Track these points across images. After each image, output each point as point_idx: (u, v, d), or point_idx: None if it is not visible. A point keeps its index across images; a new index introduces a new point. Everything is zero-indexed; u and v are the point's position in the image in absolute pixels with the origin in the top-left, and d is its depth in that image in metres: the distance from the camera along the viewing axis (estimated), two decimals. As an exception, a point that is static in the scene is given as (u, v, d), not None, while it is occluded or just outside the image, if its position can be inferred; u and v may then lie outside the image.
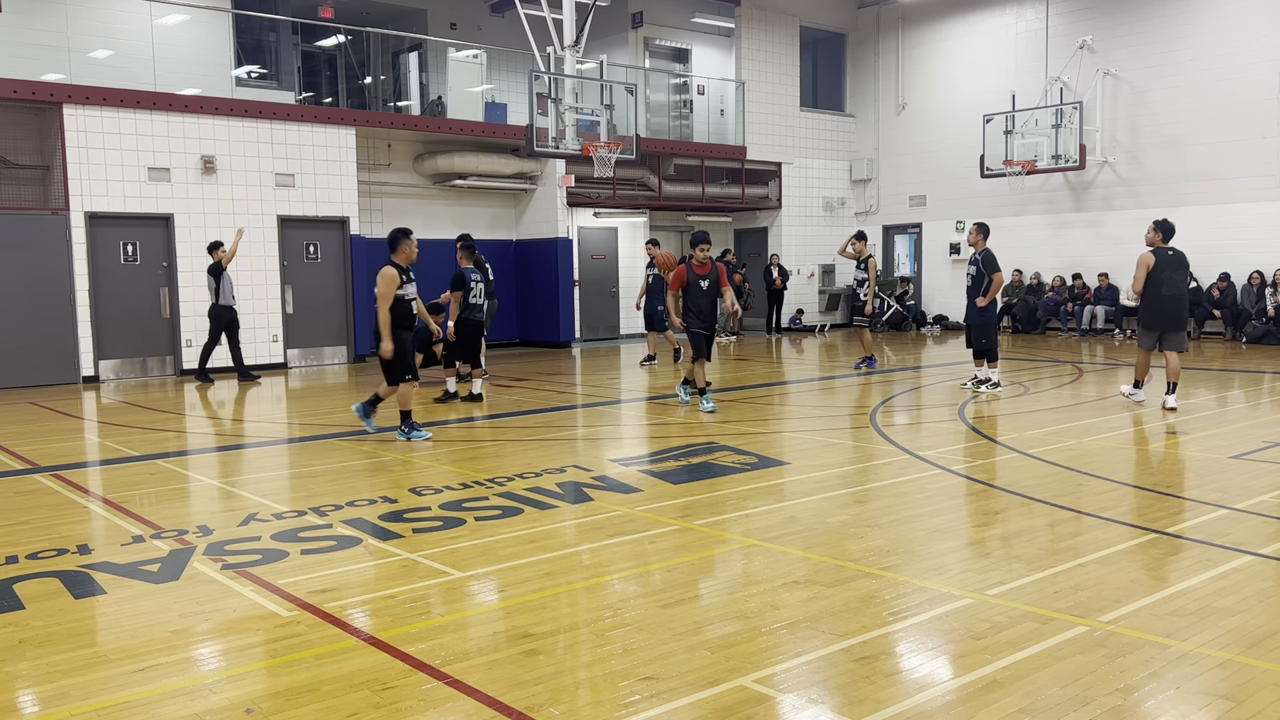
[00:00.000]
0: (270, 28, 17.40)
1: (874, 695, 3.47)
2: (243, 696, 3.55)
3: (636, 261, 21.25)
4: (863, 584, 4.67)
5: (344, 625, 4.25)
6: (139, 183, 14.69)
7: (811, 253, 23.51)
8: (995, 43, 21.65)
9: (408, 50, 19.37)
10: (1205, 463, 7.39)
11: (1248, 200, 17.97)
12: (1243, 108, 17.98)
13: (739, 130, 22.16)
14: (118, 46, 15.27)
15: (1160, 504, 6.16)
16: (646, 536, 5.59)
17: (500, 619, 4.34)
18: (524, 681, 3.63)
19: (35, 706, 3.55)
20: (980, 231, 11.59)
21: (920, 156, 23.04)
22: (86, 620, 4.43)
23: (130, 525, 6.06)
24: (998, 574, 4.80)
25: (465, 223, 19.32)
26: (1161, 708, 3.36)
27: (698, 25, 22.16)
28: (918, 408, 11.03)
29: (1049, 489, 6.63)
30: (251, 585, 4.80)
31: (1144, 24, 19.32)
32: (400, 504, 6.43)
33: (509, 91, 19.62)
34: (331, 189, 16.48)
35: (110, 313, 14.65)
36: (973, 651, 3.84)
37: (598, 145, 15.37)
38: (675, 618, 4.26)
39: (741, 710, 3.37)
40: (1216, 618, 4.14)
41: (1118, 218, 19.51)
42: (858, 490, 6.75)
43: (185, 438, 9.80)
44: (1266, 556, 4.99)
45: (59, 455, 8.66)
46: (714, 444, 8.46)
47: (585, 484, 6.98)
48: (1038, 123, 19.96)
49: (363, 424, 9.34)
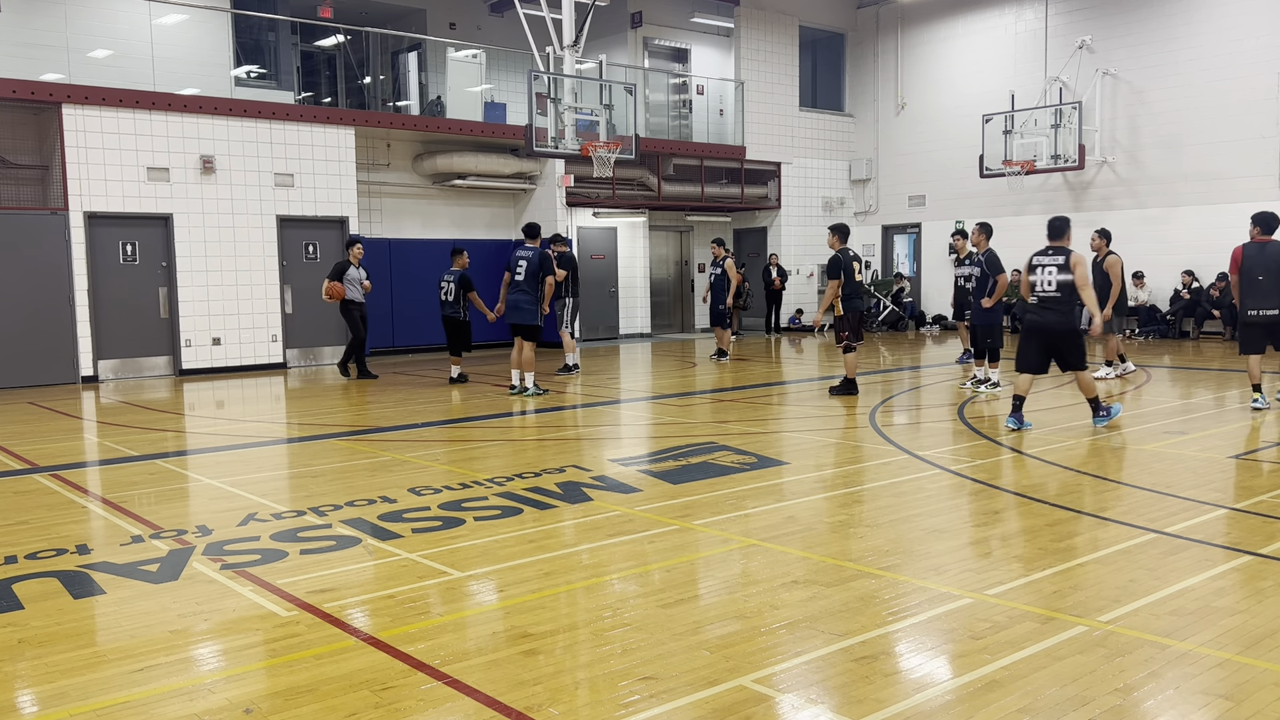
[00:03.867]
0: (269, 27, 17.40)
1: (873, 695, 3.46)
2: (242, 696, 3.55)
3: (636, 261, 21.27)
4: (862, 584, 4.67)
5: (343, 625, 4.24)
6: (138, 182, 14.69)
7: (810, 253, 23.51)
8: (994, 43, 21.65)
9: (407, 50, 19.36)
10: (1205, 463, 7.39)
11: (1247, 200, 17.94)
12: (1242, 108, 17.98)
13: (738, 130, 22.17)
14: (117, 46, 15.27)
15: (1160, 504, 6.16)
16: (646, 536, 5.59)
17: (500, 619, 4.34)
18: (523, 681, 3.63)
19: (34, 706, 3.55)
20: (983, 232, 11.58)
21: (919, 156, 23.04)
22: (85, 620, 4.43)
23: (129, 525, 6.06)
24: (997, 574, 4.80)
25: (464, 223, 19.33)
26: (1161, 707, 3.36)
27: (697, 25, 22.17)
28: (917, 408, 11.03)
29: (1049, 489, 6.63)
30: (251, 585, 4.80)
31: (1143, 24, 19.32)
32: (399, 504, 6.43)
33: (508, 91, 19.62)
34: (331, 189, 16.48)
35: (109, 313, 14.64)
36: (972, 651, 3.84)
37: (597, 145, 15.36)
38: (675, 618, 4.26)
39: (741, 710, 3.37)
40: (1216, 617, 4.14)
41: (1117, 218, 19.49)
42: (857, 490, 6.75)
43: (184, 437, 9.79)
44: (1266, 556, 4.99)
45: (58, 455, 8.65)
46: (713, 444, 8.46)
47: (585, 484, 6.98)
48: (1037, 123, 19.97)
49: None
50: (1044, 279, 8.64)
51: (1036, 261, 8.75)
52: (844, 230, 11.28)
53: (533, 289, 11.77)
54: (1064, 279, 8.53)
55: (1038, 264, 8.73)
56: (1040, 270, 8.68)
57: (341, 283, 13.63)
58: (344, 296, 13.68)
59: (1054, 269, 8.59)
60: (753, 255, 23.60)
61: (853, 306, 11.17)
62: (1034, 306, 8.76)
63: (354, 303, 13.82)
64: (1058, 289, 8.56)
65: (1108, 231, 12.59)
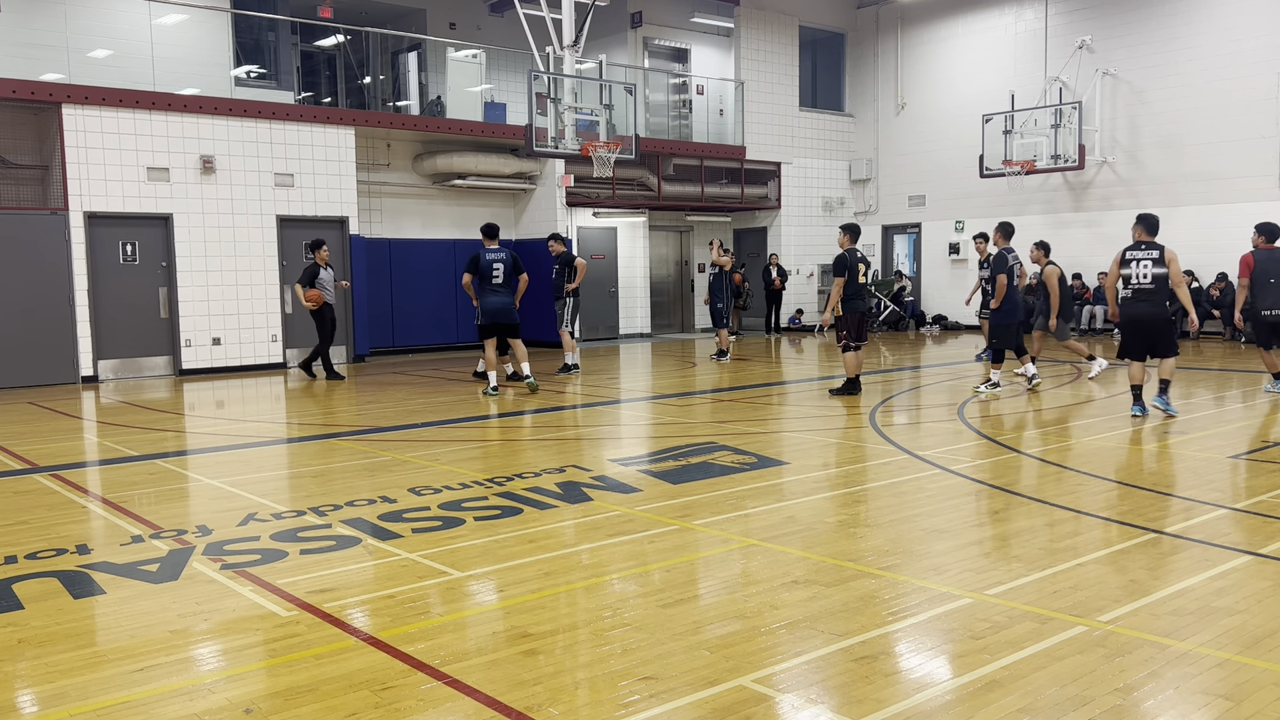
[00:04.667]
0: (269, 27, 17.40)
1: (873, 695, 3.46)
2: (242, 696, 3.55)
3: (636, 261, 21.26)
4: (862, 584, 4.67)
5: (343, 625, 4.24)
6: (138, 182, 14.69)
7: (810, 253, 23.52)
8: (994, 43, 21.65)
9: (407, 50, 19.36)
10: (1205, 463, 7.39)
11: (1247, 200, 17.97)
12: (1242, 108, 17.99)
13: (738, 130, 22.17)
14: (117, 46, 15.27)
15: (1160, 504, 6.16)
16: (646, 536, 5.59)
17: (499, 619, 4.34)
18: (523, 681, 3.63)
19: (34, 706, 3.55)
20: (1000, 231, 11.60)
21: (919, 156, 23.04)
22: (85, 620, 4.43)
23: (129, 525, 6.06)
24: (997, 574, 4.80)
25: (464, 222, 19.33)
26: (1161, 707, 3.36)
27: (697, 25, 22.17)
28: (917, 407, 11.03)
29: (1049, 489, 6.63)
30: (251, 585, 4.80)
31: (1143, 24, 19.33)
32: (399, 504, 6.43)
33: (508, 91, 19.62)
34: (331, 189, 16.48)
35: (109, 313, 14.64)
36: (972, 651, 3.84)
37: (597, 145, 15.37)
38: (674, 617, 4.26)
39: (741, 710, 3.37)
40: (1215, 617, 4.14)
41: (1117, 218, 19.49)
42: (857, 490, 6.75)
43: (184, 437, 9.79)
44: (1266, 556, 4.99)
45: (58, 455, 8.66)
46: (713, 444, 8.46)
47: (584, 484, 6.98)
48: (1037, 123, 19.97)
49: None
50: (1139, 272, 9.21)
51: (1130, 255, 9.28)
52: (855, 230, 11.43)
53: (511, 289, 11.94)
54: (1159, 272, 9.12)
55: (1132, 258, 9.27)
56: (1135, 264, 9.23)
57: (315, 287, 13.65)
58: (324, 301, 13.70)
59: (1149, 263, 9.17)
60: (753, 255, 23.60)
61: (853, 308, 11.21)
62: (1129, 299, 9.34)
63: (327, 305, 13.87)
64: (1153, 281, 9.15)
65: (1046, 243, 12.75)
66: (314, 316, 13.95)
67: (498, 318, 11.88)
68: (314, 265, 13.78)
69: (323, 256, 13.88)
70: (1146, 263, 9.15)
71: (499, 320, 11.91)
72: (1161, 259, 9.08)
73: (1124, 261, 9.29)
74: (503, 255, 11.89)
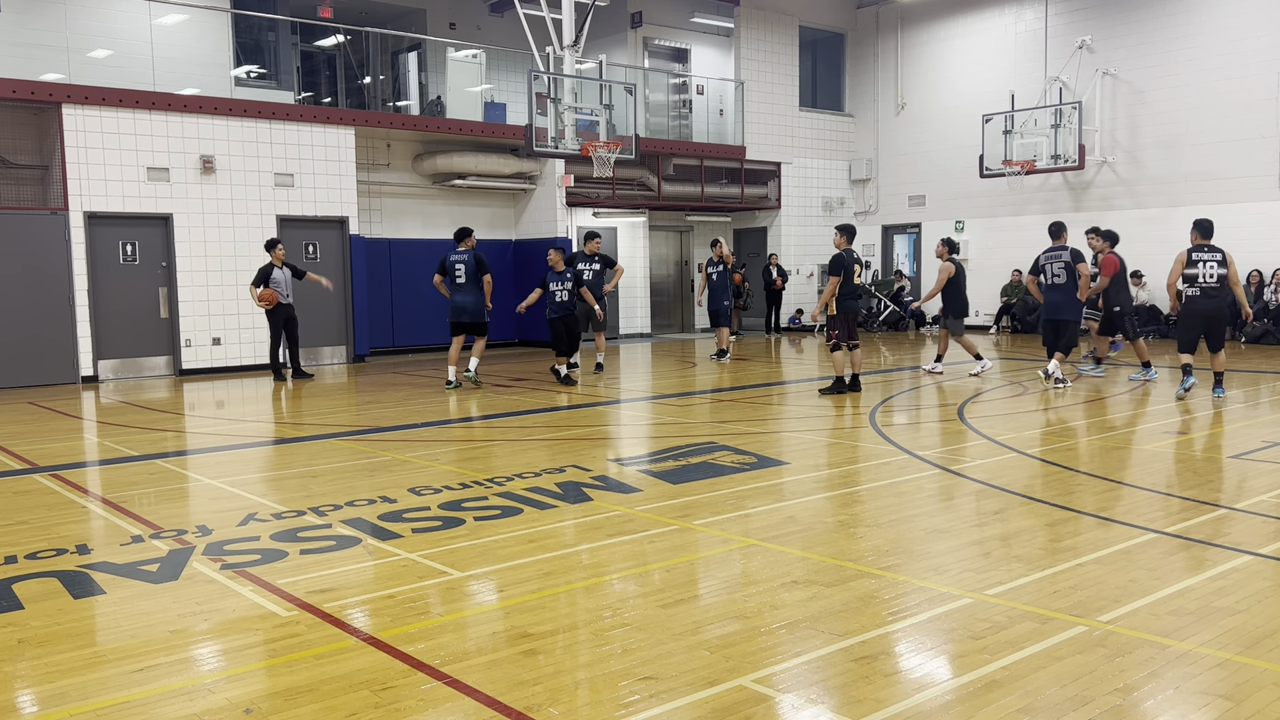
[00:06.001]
0: (269, 27, 17.40)
1: (873, 695, 3.46)
2: (242, 696, 3.55)
3: (636, 261, 21.25)
4: (862, 584, 4.67)
5: (343, 625, 4.25)
6: (138, 183, 14.69)
7: (811, 253, 23.50)
8: (994, 43, 21.65)
9: (407, 50, 19.36)
10: (1205, 463, 7.39)
11: (1247, 200, 17.98)
12: (1242, 107, 17.98)
13: (738, 130, 22.17)
14: (117, 46, 15.27)
15: (1160, 504, 6.16)
16: (646, 536, 5.59)
17: (499, 619, 4.34)
18: (523, 681, 3.63)
19: (34, 706, 3.55)
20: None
21: (919, 156, 23.04)
22: (85, 620, 4.43)
23: (129, 525, 6.06)
24: (997, 574, 4.80)
25: (464, 222, 19.30)
26: (1161, 707, 3.36)
27: (697, 25, 22.17)
28: (917, 408, 11.03)
29: (1049, 489, 6.63)
30: (251, 585, 4.80)
31: (1143, 24, 19.32)
32: (399, 504, 6.43)
33: (508, 91, 19.62)
34: (331, 189, 16.48)
35: (109, 312, 14.64)
36: (972, 651, 3.84)
37: (597, 145, 15.36)
38: (674, 618, 4.26)
39: (741, 710, 3.37)
40: (1216, 617, 4.14)
41: (1117, 217, 19.49)
42: (857, 490, 6.75)
43: (184, 437, 9.79)
44: (1266, 556, 4.99)
45: (58, 455, 8.65)
46: (713, 444, 8.46)
47: (584, 484, 6.98)
48: (1037, 123, 19.96)
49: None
50: (1205, 272, 10.24)
51: (1197, 257, 10.30)
52: (851, 231, 11.57)
53: (475, 289, 12.51)
54: (1222, 272, 10.22)
55: (1198, 259, 10.29)
56: (1202, 265, 10.26)
57: (270, 286, 13.70)
58: (279, 301, 13.78)
59: (1214, 264, 10.24)
60: (753, 255, 23.60)
61: (847, 308, 11.33)
62: (1197, 296, 10.28)
63: (280, 305, 13.90)
64: (1218, 281, 10.23)
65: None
66: (268, 316, 14.00)
67: (460, 315, 12.63)
68: (268, 265, 13.82)
69: (278, 256, 13.90)
70: (1212, 264, 10.19)
71: (460, 319, 12.63)
72: (1224, 261, 10.16)
73: (1190, 263, 10.27)
74: (465, 257, 12.52)
